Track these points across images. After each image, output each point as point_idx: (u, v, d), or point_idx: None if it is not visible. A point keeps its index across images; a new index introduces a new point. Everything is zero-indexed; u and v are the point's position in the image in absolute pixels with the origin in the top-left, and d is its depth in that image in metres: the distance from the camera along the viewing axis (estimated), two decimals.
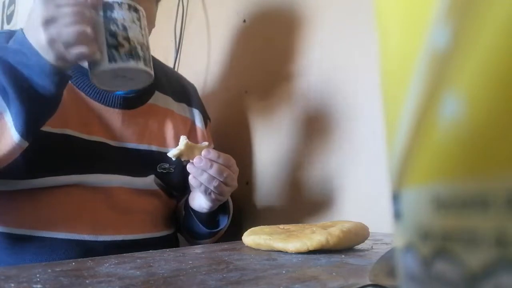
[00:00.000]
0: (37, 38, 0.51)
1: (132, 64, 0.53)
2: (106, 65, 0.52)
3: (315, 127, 0.79)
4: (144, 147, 0.71)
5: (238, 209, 0.82)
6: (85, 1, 0.52)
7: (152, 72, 0.57)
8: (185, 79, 0.87)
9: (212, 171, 0.62)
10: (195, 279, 0.33)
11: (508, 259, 0.08)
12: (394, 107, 0.11)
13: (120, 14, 0.54)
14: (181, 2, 1.13)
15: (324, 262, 0.40)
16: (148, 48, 0.57)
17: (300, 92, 0.82)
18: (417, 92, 0.10)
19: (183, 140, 0.60)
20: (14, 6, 1.87)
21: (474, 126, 0.09)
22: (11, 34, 0.63)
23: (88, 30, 0.51)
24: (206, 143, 0.64)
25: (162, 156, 0.72)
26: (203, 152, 0.61)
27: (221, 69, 1.02)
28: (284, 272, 0.36)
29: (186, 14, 1.13)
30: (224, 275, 0.34)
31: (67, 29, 0.50)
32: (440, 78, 0.09)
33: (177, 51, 1.13)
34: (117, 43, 0.53)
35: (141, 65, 0.54)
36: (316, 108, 0.79)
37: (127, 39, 0.53)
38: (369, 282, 0.29)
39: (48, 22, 0.50)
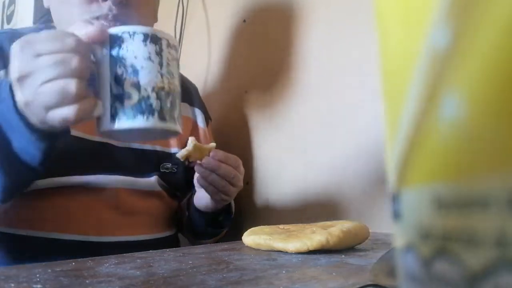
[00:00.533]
0: (18, 96, 0.41)
1: (139, 122, 0.41)
2: (107, 123, 0.42)
3: (315, 127, 0.79)
4: (148, 147, 0.71)
5: (238, 209, 0.82)
6: (76, 41, 0.40)
7: (173, 125, 0.44)
8: (186, 79, 0.87)
9: (221, 172, 0.62)
10: (195, 279, 0.33)
11: (508, 259, 0.08)
12: (394, 107, 0.11)
13: (130, 50, 0.42)
14: (181, 2, 1.13)
15: (324, 262, 0.40)
16: (169, 92, 0.43)
17: (300, 92, 0.82)
18: (417, 92, 0.10)
19: (191, 141, 0.60)
20: (14, 6, 1.87)
21: (474, 126, 0.09)
22: (13, 33, 0.63)
23: (73, 84, 0.39)
24: (214, 144, 0.64)
25: (165, 156, 0.72)
26: (211, 153, 0.61)
27: (221, 69, 1.02)
28: (284, 272, 0.36)
29: (186, 14, 1.13)
30: (224, 275, 0.34)
31: (43, 88, 0.39)
32: (440, 78, 0.09)
33: None
34: (123, 94, 0.41)
35: (152, 121, 0.42)
36: (316, 108, 0.79)
37: (137, 86, 0.41)
38: (369, 282, 0.29)
39: (22, 78, 0.40)
